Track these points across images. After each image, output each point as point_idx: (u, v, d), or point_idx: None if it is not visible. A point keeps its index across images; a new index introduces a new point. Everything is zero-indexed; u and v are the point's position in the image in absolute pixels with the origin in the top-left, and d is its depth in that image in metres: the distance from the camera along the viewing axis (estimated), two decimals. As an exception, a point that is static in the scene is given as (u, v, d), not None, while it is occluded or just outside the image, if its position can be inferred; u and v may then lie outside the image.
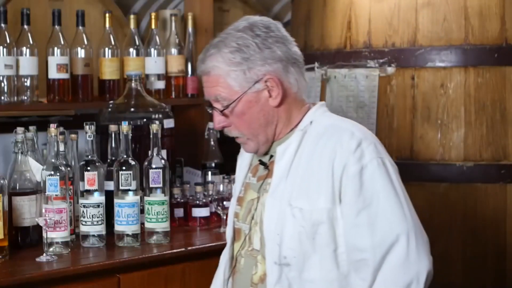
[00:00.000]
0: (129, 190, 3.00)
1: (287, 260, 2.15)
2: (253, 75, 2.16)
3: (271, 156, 2.27)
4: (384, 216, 2.11)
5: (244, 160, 2.38)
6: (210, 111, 2.26)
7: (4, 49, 3.15)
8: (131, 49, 3.56)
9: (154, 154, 3.03)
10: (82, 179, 2.97)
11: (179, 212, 3.35)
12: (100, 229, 2.97)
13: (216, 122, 2.23)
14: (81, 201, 2.97)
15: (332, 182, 2.12)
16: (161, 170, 3.02)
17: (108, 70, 3.47)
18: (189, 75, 3.78)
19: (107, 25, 3.47)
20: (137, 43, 3.56)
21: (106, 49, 3.47)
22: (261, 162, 2.29)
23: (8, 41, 3.16)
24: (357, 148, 2.12)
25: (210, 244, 3.05)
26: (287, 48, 2.19)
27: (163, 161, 3.04)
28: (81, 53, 3.38)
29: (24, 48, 3.21)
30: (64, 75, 3.31)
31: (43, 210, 2.75)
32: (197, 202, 3.34)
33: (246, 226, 2.28)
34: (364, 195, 2.11)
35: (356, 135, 2.15)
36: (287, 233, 2.15)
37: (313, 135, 2.20)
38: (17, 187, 2.92)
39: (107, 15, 3.47)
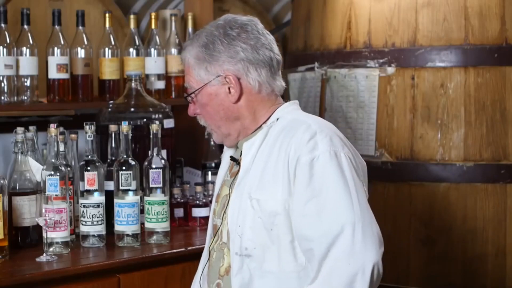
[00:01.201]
0: (129, 190, 3.00)
1: (248, 251, 2.22)
2: (213, 71, 2.28)
3: (241, 153, 2.35)
4: (331, 207, 2.14)
5: (225, 159, 2.48)
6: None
7: (4, 49, 3.15)
8: (131, 49, 3.56)
9: (154, 154, 3.03)
10: (82, 179, 2.97)
11: (179, 212, 3.35)
12: (100, 229, 2.97)
13: (189, 109, 2.39)
14: (81, 201, 2.97)
15: (288, 174, 2.19)
16: (161, 170, 3.02)
17: (108, 70, 3.47)
18: (189, 75, 3.77)
19: (107, 25, 3.47)
20: (137, 43, 3.56)
21: (106, 49, 3.47)
22: (232, 158, 2.39)
23: (8, 41, 3.16)
24: (310, 139, 2.18)
25: (210, 244, 3.05)
26: (253, 51, 2.27)
27: (163, 161, 3.04)
28: (81, 53, 3.38)
29: (24, 48, 3.21)
30: (64, 75, 3.32)
31: (43, 210, 2.75)
32: (197, 202, 3.34)
33: (220, 221, 2.36)
34: (313, 185, 2.15)
35: (312, 127, 2.21)
36: (247, 225, 2.23)
37: (276, 130, 2.28)
38: (17, 187, 2.92)
39: (107, 15, 3.47)
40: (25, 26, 3.22)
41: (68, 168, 2.96)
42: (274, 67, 2.31)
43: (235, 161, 2.37)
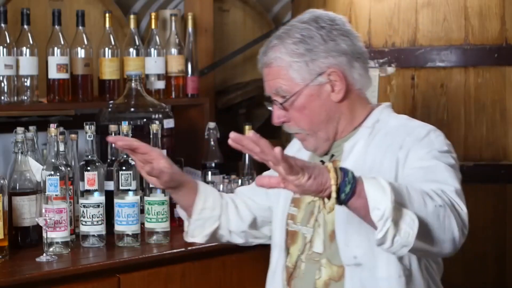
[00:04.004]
0: (129, 190, 3.00)
1: (357, 260, 2.08)
2: (316, 67, 2.09)
3: (332, 156, 2.19)
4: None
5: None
6: (269, 107, 2.17)
7: (4, 49, 3.15)
8: (131, 49, 3.56)
9: (154, 154, 3.03)
10: (82, 179, 2.97)
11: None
12: (100, 229, 2.97)
13: (275, 117, 2.15)
14: (81, 201, 2.97)
15: (396, 172, 2.05)
16: (161, 170, 3.01)
17: (108, 70, 3.47)
18: (189, 75, 3.78)
19: (107, 25, 3.47)
20: (137, 43, 3.56)
21: (106, 49, 3.47)
22: (323, 162, 2.17)
23: (8, 41, 3.16)
24: (426, 136, 2.07)
25: (210, 244, 3.04)
26: (351, 42, 2.11)
27: (163, 161, 3.03)
28: (81, 53, 3.38)
29: (24, 48, 3.21)
30: (64, 75, 3.31)
31: (43, 210, 2.75)
32: (197, 202, 3.33)
33: (308, 229, 2.18)
34: (430, 148, 2.04)
35: (427, 127, 2.11)
36: (355, 233, 2.07)
37: (381, 134, 2.13)
38: (17, 187, 2.92)
39: (107, 15, 3.47)
40: (25, 26, 3.22)
41: (68, 168, 2.96)
42: (367, 61, 2.17)
43: None
